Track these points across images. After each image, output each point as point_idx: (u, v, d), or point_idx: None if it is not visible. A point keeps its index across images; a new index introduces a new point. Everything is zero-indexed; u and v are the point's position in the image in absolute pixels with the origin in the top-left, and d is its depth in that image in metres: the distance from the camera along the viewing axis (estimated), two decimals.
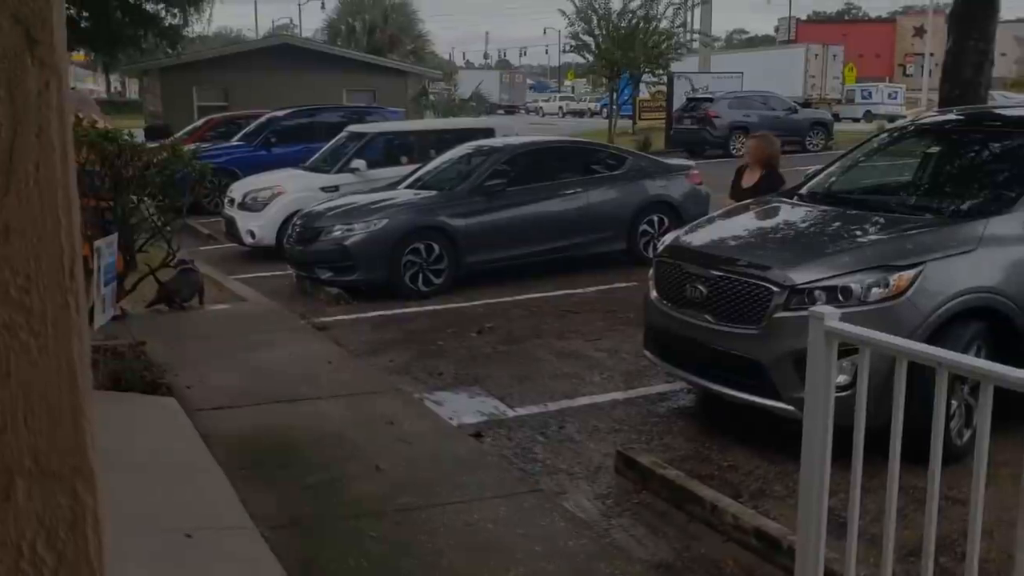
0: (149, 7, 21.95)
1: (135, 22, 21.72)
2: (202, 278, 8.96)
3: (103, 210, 6.85)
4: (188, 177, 7.03)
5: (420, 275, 9.89)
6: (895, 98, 44.80)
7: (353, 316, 9.14)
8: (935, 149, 6.94)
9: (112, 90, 72.92)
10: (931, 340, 4.69)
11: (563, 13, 28.78)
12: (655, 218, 11.22)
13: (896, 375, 2.70)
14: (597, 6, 28.18)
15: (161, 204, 7.10)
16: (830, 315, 2.90)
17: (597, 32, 28.25)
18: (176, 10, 21.90)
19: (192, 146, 9.39)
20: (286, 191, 12.45)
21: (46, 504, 0.92)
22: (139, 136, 7.41)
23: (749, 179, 7.79)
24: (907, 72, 59.99)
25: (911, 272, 5.03)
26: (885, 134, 7.64)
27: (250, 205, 12.51)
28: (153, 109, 25.97)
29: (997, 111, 8.36)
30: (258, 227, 12.23)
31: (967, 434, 5.06)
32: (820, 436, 2.95)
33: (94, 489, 0.93)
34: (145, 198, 6.82)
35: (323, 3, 56.57)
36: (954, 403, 4.98)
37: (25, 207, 0.88)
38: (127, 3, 21.42)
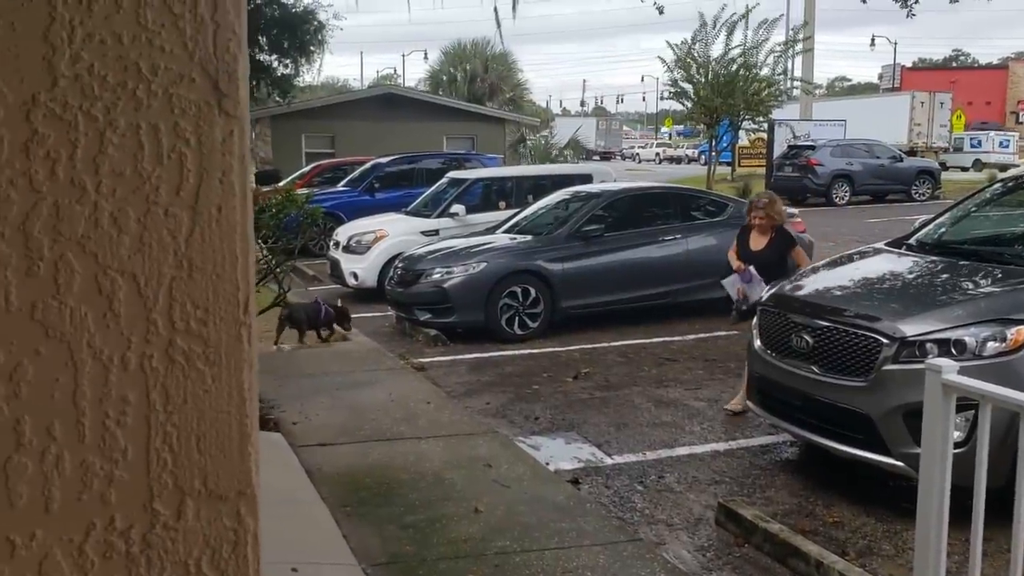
0: (262, 58, 22.94)
1: (249, 72, 22.66)
2: (322, 315, 9.29)
3: None
4: (299, 220, 7.28)
5: (516, 318, 9.96)
6: (1006, 146, 43.21)
7: (450, 358, 9.25)
8: None
9: None
10: None
11: (662, 60, 28.89)
12: None
13: (1021, 432, 2.60)
14: (696, 54, 28.18)
15: (273, 247, 7.37)
16: (948, 368, 2.82)
17: (697, 79, 28.22)
18: (288, 61, 22.81)
19: (304, 191, 9.73)
20: (388, 235, 12.76)
21: (212, 525, 0.98)
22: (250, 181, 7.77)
23: (758, 241, 7.42)
24: (1020, 119, 57.93)
25: None
26: (999, 184, 7.40)
27: (354, 248, 12.86)
28: (263, 155, 27.00)
29: None
30: (361, 269, 12.55)
31: None
32: (938, 494, 2.86)
33: (256, 512, 0.99)
34: (259, 241, 7.09)
35: (426, 54, 58.21)
36: None
37: (207, 245, 0.96)
38: None
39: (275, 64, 23.06)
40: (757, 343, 6.06)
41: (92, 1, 0.92)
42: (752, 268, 7.22)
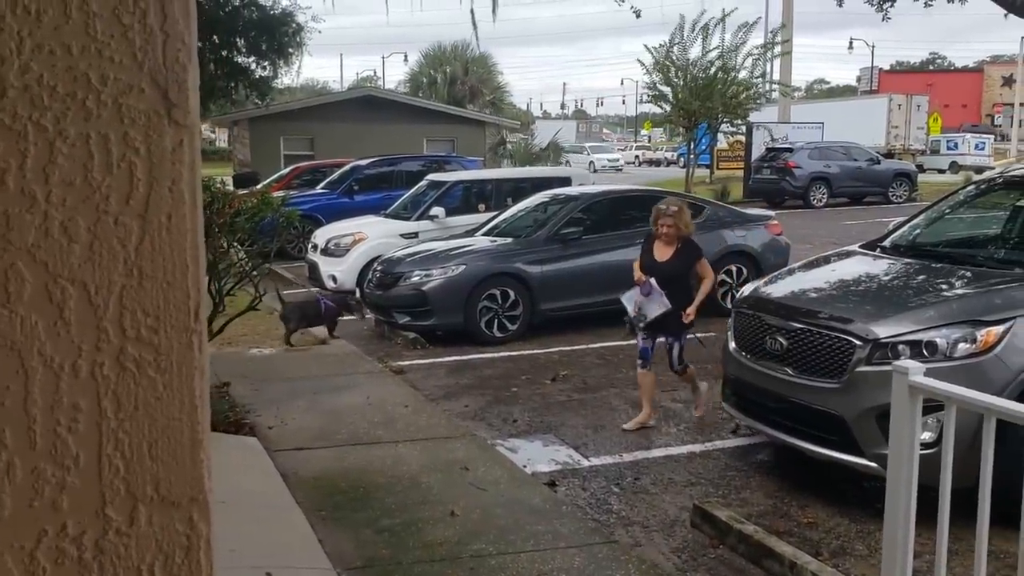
0: (240, 60, 22.84)
1: (227, 74, 22.61)
2: (322, 311, 9.29)
3: None
4: (275, 223, 7.28)
5: (495, 321, 9.97)
6: (982, 149, 43.69)
7: (429, 361, 9.25)
8: None
9: (204, 140, 75.91)
10: (1022, 398, 4.55)
11: (641, 63, 28.97)
12: (733, 268, 11.13)
13: (984, 433, 2.64)
14: (675, 57, 28.28)
15: (249, 249, 7.35)
16: (914, 370, 2.85)
17: (675, 82, 28.32)
18: (266, 63, 22.73)
19: (280, 193, 9.73)
20: (367, 237, 12.73)
21: (165, 530, 0.99)
22: (228, 184, 7.73)
23: (663, 252, 6.92)
24: (995, 122, 58.57)
25: (1000, 328, 4.89)
26: (972, 186, 7.48)
27: (332, 251, 12.82)
28: (242, 158, 26.88)
29: None
30: (339, 272, 12.51)
31: None
32: (904, 494, 2.89)
33: (208, 518, 1.00)
34: (235, 244, 7.07)
35: (406, 56, 58.20)
36: None
37: (157, 254, 0.97)
38: (220, 56, 22.35)
39: (253, 66, 22.99)
40: (732, 345, 6.11)
41: (41, 12, 0.93)
42: (653, 281, 6.77)
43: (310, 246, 13.61)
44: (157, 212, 0.96)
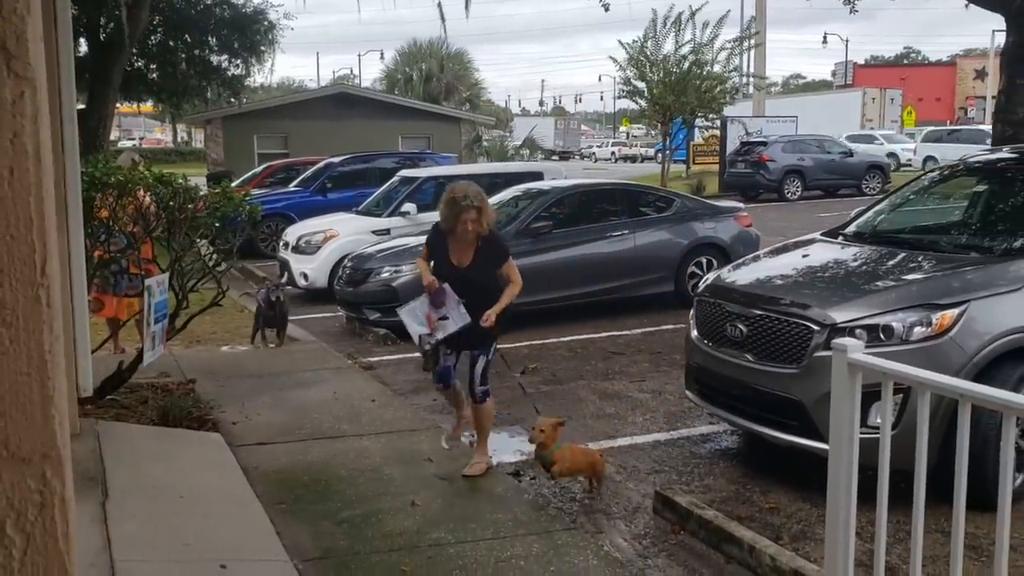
0: (213, 59, 22.78)
1: (200, 73, 22.56)
2: (264, 314, 9.21)
3: (110, 262, 7.18)
4: (239, 220, 7.24)
5: None
6: None
7: (399, 356, 9.22)
8: (984, 188, 6.83)
9: (179, 140, 75.45)
10: (978, 380, 4.58)
11: (614, 60, 29.03)
12: (704, 260, 11.17)
13: (919, 407, 2.66)
14: (648, 52, 28.34)
15: (213, 246, 7.31)
16: (853, 347, 2.87)
17: (649, 77, 28.39)
18: (239, 61, 22.67)
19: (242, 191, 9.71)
20: (338, 234, 12.69)
21: (16, 487, 0.97)
22: (194, 181, 7.64)
23: (463, 253, 5.65)
24: (968, 115, 59.08)
25: (955, 311, 4.93)
26: (936, 172, 7.54)
27: (303, 248, 12.77)
28: (215, 157, 26.76)
29: None
30: (311, 270, 12.46)
31: (1020, 478, 4.91)
32: (846, 472, 2.90)
33: (62, 474, 0.98)
34: (198, 239, 7.02)
35: (382, 54, 58.11)
36: None
37: None
38: (192, 55, 22.28)
39: (225, 64, 22.95)
40: (694, 333, 6.13)
41: None
42: (447, 286, 5.58)
43: (281, 244, 13.55)
44: None
